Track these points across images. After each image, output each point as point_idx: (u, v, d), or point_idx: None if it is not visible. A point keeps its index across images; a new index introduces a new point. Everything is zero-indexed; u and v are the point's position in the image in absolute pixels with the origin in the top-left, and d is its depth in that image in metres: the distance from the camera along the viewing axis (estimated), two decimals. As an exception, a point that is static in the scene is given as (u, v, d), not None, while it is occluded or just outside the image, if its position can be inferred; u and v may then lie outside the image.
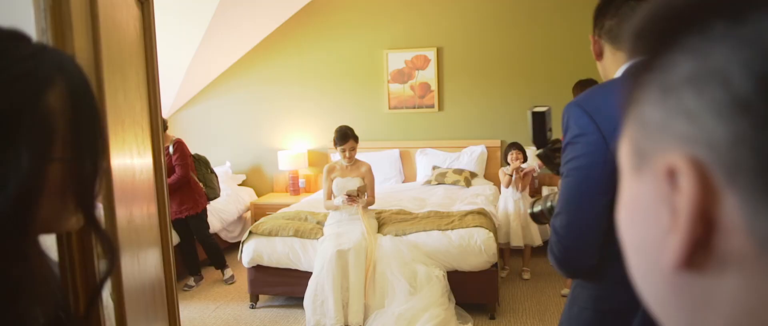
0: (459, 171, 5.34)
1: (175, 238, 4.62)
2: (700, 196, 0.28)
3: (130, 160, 1.18)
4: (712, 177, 0.28)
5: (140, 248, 1.23)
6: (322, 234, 3.98)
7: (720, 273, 0.29)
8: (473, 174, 5.39)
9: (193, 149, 6.42)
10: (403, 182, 5.82)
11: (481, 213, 4.15)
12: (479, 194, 4.89)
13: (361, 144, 5.86)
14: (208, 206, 4.80)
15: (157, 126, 1.55)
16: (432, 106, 5.78)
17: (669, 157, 0.30)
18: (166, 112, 6.30)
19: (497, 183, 5.20)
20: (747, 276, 0.28)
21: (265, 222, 4.20)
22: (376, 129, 5.97)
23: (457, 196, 4.96)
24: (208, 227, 4.71)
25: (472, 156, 5.54)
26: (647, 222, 0.33)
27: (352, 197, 3.93)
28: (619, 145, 0.36)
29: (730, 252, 0.28)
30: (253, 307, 4.16)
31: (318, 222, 4.23)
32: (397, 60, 5.82)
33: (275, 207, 5.41)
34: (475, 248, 3.71)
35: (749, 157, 0.26)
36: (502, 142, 5.62)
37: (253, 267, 4.10)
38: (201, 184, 4.70)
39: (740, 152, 0.27)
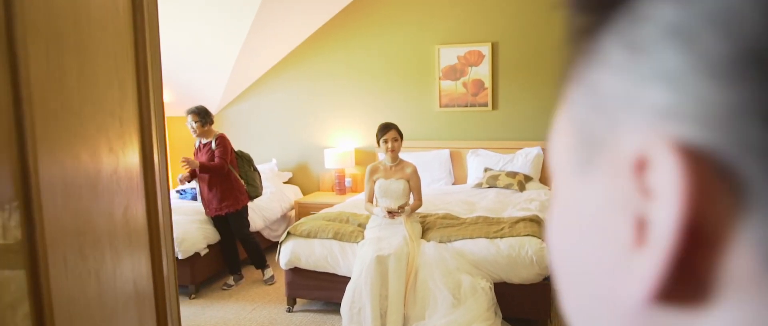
0: (512, 174, 5.01)
1: (215, 236, 4.54)
2: (690, 195, 0.20)
3: (90, 154, 0.99)
4: (707, 167, 0.20)
5: (104, 255, 1.02)
6: (363, 238, 3.77)
7: (710, 307, 0.21)
8: (528, 178, 5.04)
9: (240, 145, 6.39)
10: (453, 184, 5.54)
11: (535, 220, 3.82)
12: (533, 199, 4.54)
13: (409, 143, 5.68)
14: (249, 204, 4.69)
15: (150, 120, 1.35)
16: (485, 105, 5.47)
17: (637, 141, 0.22)
18: (214, 108, 6.29)
19: (554, 188, 4.83)
20: (753, 310, 0.20)
21: (303, 223, 4.03)
22: (425, 128, 5.72)
23: (509, 201, 4.64)
24: (248, 225, 4.60)
25: (527, 158, 5.19)
26: (595, 239, 0.25)
27: (392, 212, 3.70)
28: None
29: (730, 277, 0.20)
30: (289, 311, 4.01)
31: (359, 225, 4.02)
32: (449, 56, 5.54)
33: (319, 207, 5.26)
34: (526, 259, 3.39)
35: (763, 134, 0.19)
36: (560, 144, 5.24)
37: (290, 269, 3.95)
38: (242, 182, 4.59)
39: (749, 128, 0.19)
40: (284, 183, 6.04)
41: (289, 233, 3.94)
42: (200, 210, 4.57)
